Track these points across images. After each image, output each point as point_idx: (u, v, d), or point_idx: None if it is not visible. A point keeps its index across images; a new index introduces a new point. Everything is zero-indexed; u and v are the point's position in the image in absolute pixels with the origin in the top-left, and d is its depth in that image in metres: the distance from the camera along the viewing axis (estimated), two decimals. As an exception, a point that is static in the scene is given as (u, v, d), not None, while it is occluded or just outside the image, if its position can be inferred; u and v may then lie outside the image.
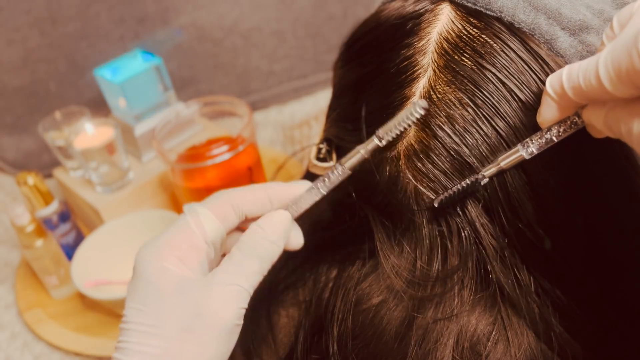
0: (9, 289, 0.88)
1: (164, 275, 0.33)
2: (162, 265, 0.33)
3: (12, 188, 1.05)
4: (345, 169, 0.36)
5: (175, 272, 0.33)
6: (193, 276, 0.33)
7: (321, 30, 1.14)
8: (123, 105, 0.88)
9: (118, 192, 0.85)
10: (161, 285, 0.33)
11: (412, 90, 0.36)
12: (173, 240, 0.34)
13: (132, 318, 0.33)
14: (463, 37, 0.35)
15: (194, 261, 0.34)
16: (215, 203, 0.35)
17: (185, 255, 0.34)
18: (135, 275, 0.34)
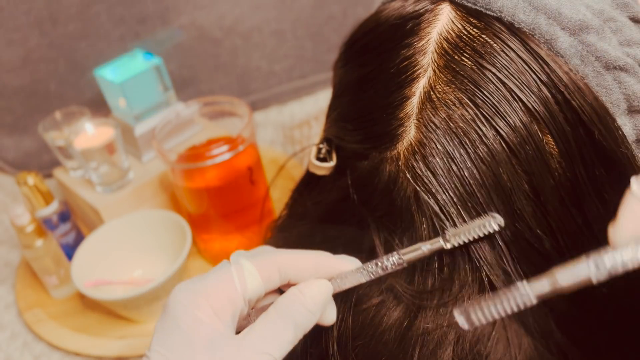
0: (9, 289, 0.88)
1: (197, 327, 0.32)
2: (196, 315, 0.32)
3: (12, 188, 1.05)
4: (401, 260, 0.34)
5: (208, 326, 0.32)
6: (224, 330, 0.32)
7: (321, 30, 1.14)
8: (123, 105, 0.88)
9: (118, 192, 0.85)
10: (193, 337, 0.31)
11: (412, 90, 0.36)
12: (212, 289, 0.33)
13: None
14: (463, 37, 0.35)
15: (227, 315, 0.33)
16: (262, 262, 0.34)
17: (221, 308, 0.32)
18: (166, 316, 0.33)
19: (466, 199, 0.34)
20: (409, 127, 0.36)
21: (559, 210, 0.34)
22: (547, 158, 0.34)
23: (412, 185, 0.35)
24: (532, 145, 0.34)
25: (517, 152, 0.33)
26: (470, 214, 0.34)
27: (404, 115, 0.36)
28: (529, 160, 0.34)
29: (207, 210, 0.79)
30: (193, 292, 0.32)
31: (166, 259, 0.81)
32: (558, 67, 0.34)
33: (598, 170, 0.34)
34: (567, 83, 0.34)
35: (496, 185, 0.34)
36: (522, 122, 0.34)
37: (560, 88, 0.34)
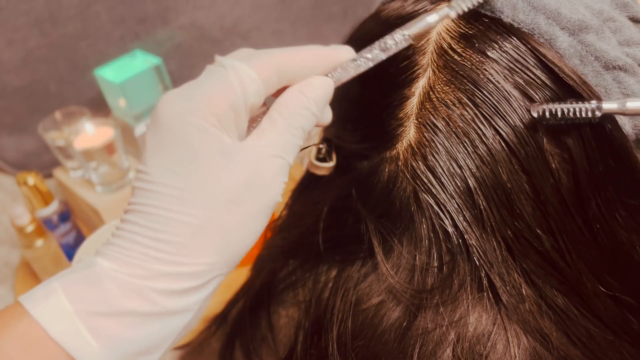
0: (9, 289, 0.88)
1: (205, 136, 0.28)
2: (201, 124, 0.28)
3: (12, 188, 1.05)
4: (406, 37, 0.31)
5: (216, 134, 0.29)
6: (230, 139, 0.29)
7: (321, 30, 1.14)
8: (123, 105, 0.88)
9: (118, 192, 0.85)
10: (202, 148, 0.28)
11: (411, 90, 0.36)
12: (212, 97, 0.29)
13: (163, 179, 0.28)
14: (462, 37, 0.35)
15: (231, 122, 0.30)
16: (258, 63, 0.31)
17: (225, 117, 0.29)
18: (162, 128, 0.29)
19: (466, 198, 0.34)
20: (409, 127, 0.36)
21: (559, 209, 0.34)
22: (547, 158, 0.34)
23: (411, 185, 0.35)
24: (532, 145, 0.34)
25: (516, 151, 0.34)
26: (471, 214, 0.34)
27: (403, 115, 0.36)
28: (529, 159, 0.34)
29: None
30: (191, 100, 0.29)
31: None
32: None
33: (601, 168, 0.34)
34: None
35: (496, 184, 0.34)
36: (521, 121, 0.34)
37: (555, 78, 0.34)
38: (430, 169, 0.35)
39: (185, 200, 0.28)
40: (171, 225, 0.28)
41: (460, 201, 0.34)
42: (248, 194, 0.29)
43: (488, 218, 0.34)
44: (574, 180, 0.34)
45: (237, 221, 0.29)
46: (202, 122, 0.29)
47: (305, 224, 0.43)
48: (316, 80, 0.32)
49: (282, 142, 0.30)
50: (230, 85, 0.30)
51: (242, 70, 0.30)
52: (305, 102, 0.31)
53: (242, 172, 0.29)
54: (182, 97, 0.29)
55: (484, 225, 0.34)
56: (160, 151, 0.29)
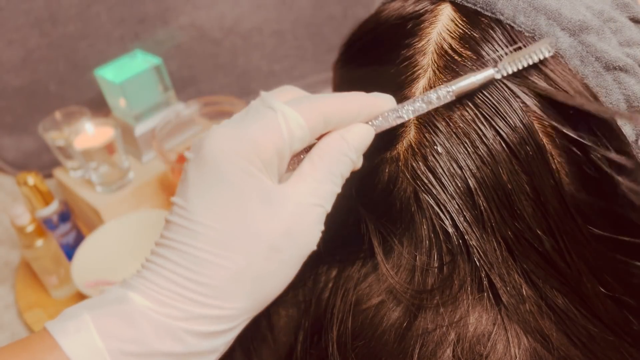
0: (9, 289, 0.88)
1: (251, 180, 0.28)
2: (247, 167, 0.28)
3: (12, 188, 1.05)
4: (450, 93, 0.32)
5: (261, 179, 0.28)
6: (272, 184, 0.29)
7: (321, 30, 1.14)
8: (123, 105, 0.88)
9: (118, 192, 0.85)
10: (246, 191, 0.28)
11: (412, 90, 0.36)
12: (260, 140, 0.29)
13: (205, 219, 0.28)
14: (463, 37, 0.35)
15: (274, 169, 0.30)
16: (307, 110, 0.30)
17: (270, 161, 0.29)
18: (208, 167, 0.28)
19: (466, 199, 0.34)
20: (409, 128, 0.36)
21: (559, 210, 0.34)
22: (547, 158, 0.34)
23: (411, 185, 0.35)
24: (532, 145, 0.34)
25: (517, 152, 0.34)
26: (471, 214, 0.34)
27: (403, 115, 0.36)
28: (529, 160, 0.34)
29: (207, 210, 0.79)
30: (239, 141, 0.29)
31: (166, 259, 0.81)
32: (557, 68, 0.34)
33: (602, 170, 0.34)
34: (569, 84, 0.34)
35: (496, 185, 0.34)
36: (522, 122, 0.34)
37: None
38: (430, 169, 0.35)
39: (224, 244, 0.28)
40: (209, 268, 0.28)
41: (461, 201, 0.34)
42: (287, 242, 0.29)
43: (488, 218, 0.34)
44: (574, 180, 0.34)
45: (274, 268, 0.29)
46: (248, 165, 0.28)
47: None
48: (359, 127, 0.32)
49: (322, 190, 0.30)
50: (278, 131, 0.29)
51: (291, 116, 0.30)
52: (346, 149, 0.31)
53: (284, 220, 0.29)
54: (230, 136, 0.29)
55: (484, 226, 0.34)
56: (202, 188, 0.28)
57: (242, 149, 0.28)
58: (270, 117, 0.30)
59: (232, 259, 0.28)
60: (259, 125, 0.29)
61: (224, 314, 0.28)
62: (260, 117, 0.30)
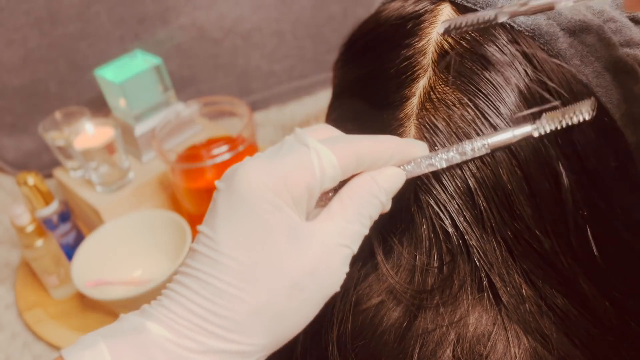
0: (9, 289, 0.88)
1: (280, 215, 0.28)
2: (278, 202, 0.28)
3: (12, 188, 1.05)
4: (485, 147, 0.32)
5: (290, 215, 0.28)
6: (300, 220, 0.29)
7: (321, 30, 1.14)
8: (123, 105, 0.88)
9: (118, 192, 0.85)
10: (274, 226, 0.28)
11: (412, 90, 0.36)
12: (292, 176, 0.29)
13: (231, 252, 0.28)
14: (463, 37, 0.35)
15: (304, 206, 0.29)
16: (341, 150, 0.30)
17: (300, 198, 0.29)
18: (238, 198, 0.29)
19: (466, 199, 0.34)
20: (409, 128, 0.36)
21: (558, 211, 0.34)
22: (546, 159, 0.34)
23: (412, 185, 0.35)
24: (531, 146, 0.34)
25: (516, 153, 0.34)
26: (471, 214, 0.34)
27: (403, 115, 0.36)
28: (528, 161, 0.34)
29: (207, 210, 0.79)
30: (272, 175, 0.29)
31: (166, 259, 0.81)
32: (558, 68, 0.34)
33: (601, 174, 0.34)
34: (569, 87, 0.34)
35: (496, 185, 0.34)
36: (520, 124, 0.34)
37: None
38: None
39: (248, 278, 0.28)
40: (230, 301, 0.27)
41: (461, 202, 0.34)
42: (311, 282, 0.29)
43: (488, 219, 0.34)
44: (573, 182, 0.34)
45: (295, 307, 0.29)
46: (278, 200, 0.28)
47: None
48: (390, 170, 0.32)
49: (350, 231, 0.30)
50: (310, 168, 0.29)
51: (324, 155, 0.30)
52: (377, 191, 0.31)
53: (309, 259, 0.29)
54: (263, 169, 0.29)
55: (484, 226, 0.34)
56: (231, 221, 0.28)
57: (273, 183, 0.28)
58: (303, 153, 0.30)
59: (254, 293, 0.28)
60: (292, 160, 0.29)
61: (241, 349, 0.28)
62: (293, 153, 0.30)
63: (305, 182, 0.29)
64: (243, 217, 0.28)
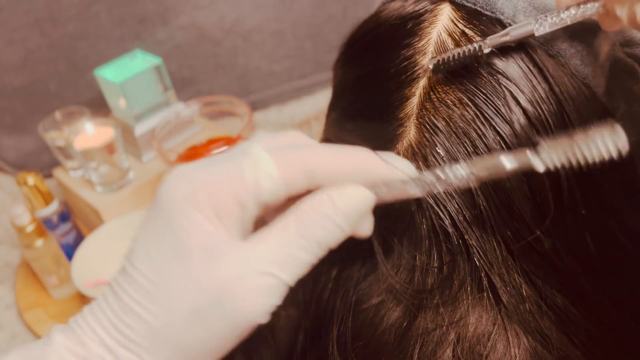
0: (9, 289, 0.88)
1: (194, 231, 0.25)
2: (194, 217, 0.25)
3: (12, 188, 1.05)
4: (469, 173, 0.28)
5: (207, 231, 0.25)
6: (225, 237, 0.26)
7: (321, 30, 1.14)
8: (123, 105, 0.88)
9: (118, 192, 0.85)
10: (187, 244, 0.25)
11: (412, 90, 0.36)
12: (215, 185, 0.26)
13: (142, 266, 0.26)
14: (463, 37, 0.35)
15: (232, 218, 0.26)
16: (286, 158, 0.27)
17: (225, 211, 0.26)
18: (158, 212, 0.26)
19: (466, 198, 0.34)
20: (409, 128, 0.36)
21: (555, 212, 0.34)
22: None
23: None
24: (531, 145, 0.34)
25: (516, 152, 0.34)
26: (471, 214, 0.34)
27: (403, 115, 0.36)
28: (529, 160, 0.34)
29: (207, 210, 0.79)
30: (192, 185, 0.26)
31: (166, 259, 0.81)
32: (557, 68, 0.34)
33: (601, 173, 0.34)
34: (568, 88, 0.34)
35: (495, 184, 0.34)
36: (520, 123, 0.34)
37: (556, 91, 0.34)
38: (430, 169, 0.35)
39: (152, 297, 0.26)
40: (132, 318, 0.26)
41: (461, 201, 0.34)
42: (214, 310, 0.25)
43: (488, 218, 0.34)
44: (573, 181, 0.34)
45: (197, 336, 0.26)
46: (196, 214, 0.26)
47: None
48: (352, 189, 0.27)
49: (281, 255, 0.26)
50: (239, 178, 0.26)
51: (263, 164, 0.26)
52: (331, 212, 0.27)
53: (214, 284, 0.25)
54: (184, 179, 0.26)
55: (484, 226, 0.34)
56: (149, 234, 0.27)
57: (193, 194, 0.26)
58: (236, 162, 0.26)
59: (153, 312, 0.25)
60: (221, 169, 0.26)
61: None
62: (226, 161, 0.27)
63: (232, 194, 0.26)
64: (158, 231, 0.26)
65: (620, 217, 0.35)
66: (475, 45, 0.33)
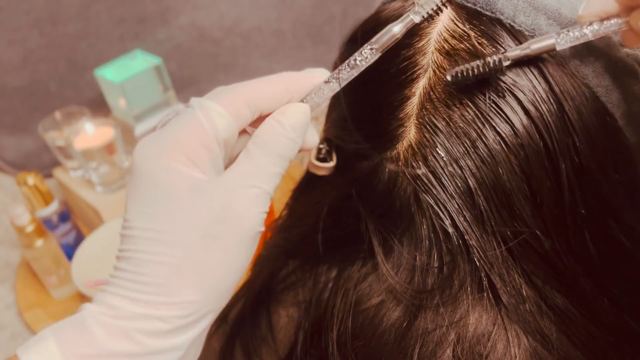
0: (9, 289, 0.88)
1: (175, 176, 0.29)
2: (171, 165, 0.29)
3: (12, 188, 1.05)
4: (374, 52, 0.32)
5: (187, 173, 0.29)
6: (204, 176, 0.30)
7: (321, 30, 1.14)
8: (123, 105, 0.88)
9: (118, 192, 0.85)
10: (173, 187, 0.29)
11: (412, 90, 0.36)
12: (181, 137, 0.29)
13: (139, 223, 0.29)
14: (463, 37, 0.35)
15: (205, 162, 0.30)
16: (226, 98, 0.31)
17: (196, 155, 0.29)
18: (137, 175, 0.30)
19: (466, 199, 0.34)
20: (409, 128, 0.36)
21: (556, 211, 0.34)
22: (546, 160, 0.34)
23: (412, 185, 0.35)
24: (531, 146, 0.34)
25: (516, 152, 0.34)
26: (471, 214, 0.34)
27: (404, 115, 0.36)
28: (528, 161, 0.34)
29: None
30: (161, 144, 0.30)
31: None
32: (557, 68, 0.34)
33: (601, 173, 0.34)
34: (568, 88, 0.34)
35: (496, 185, 0.34)
36: (521, 122, 0.34)
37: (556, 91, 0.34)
38: (430, 169, 0.35)
39: (160, 241, 0.28)
40: (149, 267, 0.28)
41: (461, 201, 0.34)
42: (221, 228, 0.29)
43: (488, 218, 0.34)
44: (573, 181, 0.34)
45: (214, 256, 0.29)
46: (172, 162, 0.29)
47: (306, 224, 0.43)
48: (290, 107, 0.32)
49: (256, 171, 0.30)
50: (197, 124, 0.30)
51: (209, 107, 0.30)
52: (281, 130, 0.31)
53: (213, 206, 0.29)
54: (153, 142, 0.30)
55: (484, 226, 0.34)
56: (136, 197, 0.29)
57: (163, 149, 0.29)
58: (189, 113, 0.30)
59: (169, 253, 0.28)
60: (179, 124, 0.30)
61: (172, 309, 0.28)
62: (181, 117, 0.31)
63: (196, 139, 0.29)
64: (143, 189, 0.29)
65: (619, 217, 0.35)
66: (495, 58, 0.32)
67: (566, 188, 0.34)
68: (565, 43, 0.32)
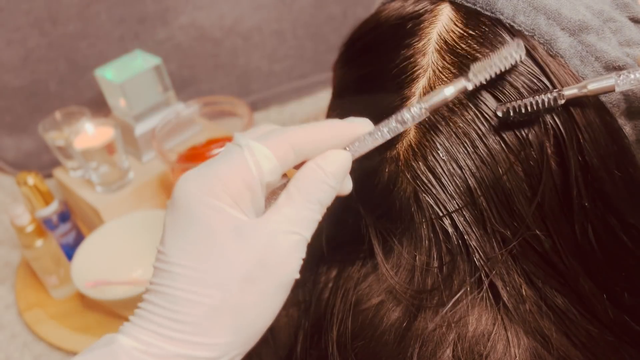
0: (9, 289, 0.88)
1: (219, 216, 0.29)
2: (214, 203, 0.29)
3: (12, 188, 1.05)
4: (423, 110, 0.32)
5: (230, 213, 0.29)
6: (246, 217, 0.30)
7: (321, 30, 1.14)
8: (123, 105, 0.88)
9: (118, 192, 0.85)
10: (216, 227, 0.29)
11: (411, 90, 0.36)
12: (226, 176, 0.30)
13: (178, 259, 0.29)
14: (463, 37, 0.35)
15: (247, 203, 0.30)
16: (274, 141, 0.31)
17: (240, 196, 0.30)
18: (178, 208, 0.30)
19: (466, 199, 0.34)
20: (409, 128, 0.36)
21: (556, 211, 0.34)
22: (546, 160, 0.34)
23: (411, 185, 0.35)
24: (531, 146, 0.34)
25: (516, 152, 0.34)
26: (471, 214, 0.34)
27: (403, 115, 0.36)
28: (528, 161, 0.34)
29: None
30: (206, 181, 0.30)
31: (166, 259, 0.81)
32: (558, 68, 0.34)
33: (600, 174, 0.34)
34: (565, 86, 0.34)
35: (496, 184, 0.34)
36: (521, 122, 0.34)
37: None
38: (430, 169, 0.35)
39: (199, 280, 0.28)
40: (186, 305, 0.28)
41: (461, 201, 0.34)
42: (262, 272, 0.29)
43: (488, 218, 0.34)
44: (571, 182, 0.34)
45: (252, 300, 0.29)
46: (216, 202, 0.29)
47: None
48: (333, 154, 0.32)
49: (298, 218, 0.30)
50: (244, 165, 0.30)
51: (257, 149, 0.30)
52: (323, 176, 0.31)
53: (255, 250, 0.29)
54: (198, 177, 0.30)
55: (484, 226, 0.34)
56: (176, 231, 0.29)
57: (209, 187, 0.29)
58: (236, 152, 0.30)
59: (208, 294, 0.28)
60: (226, 162, 0.30)
61: (205, 350, 0.28)
62: (227, 155, 0.31)
63: (242, 180, 0.30)
64: (185, 225, 0.29)
65: (622, 216, 0.35)
66: (550, 97, 0.32)
67: (566, 188, 0.34)
68: (625, 85, 0.31)
